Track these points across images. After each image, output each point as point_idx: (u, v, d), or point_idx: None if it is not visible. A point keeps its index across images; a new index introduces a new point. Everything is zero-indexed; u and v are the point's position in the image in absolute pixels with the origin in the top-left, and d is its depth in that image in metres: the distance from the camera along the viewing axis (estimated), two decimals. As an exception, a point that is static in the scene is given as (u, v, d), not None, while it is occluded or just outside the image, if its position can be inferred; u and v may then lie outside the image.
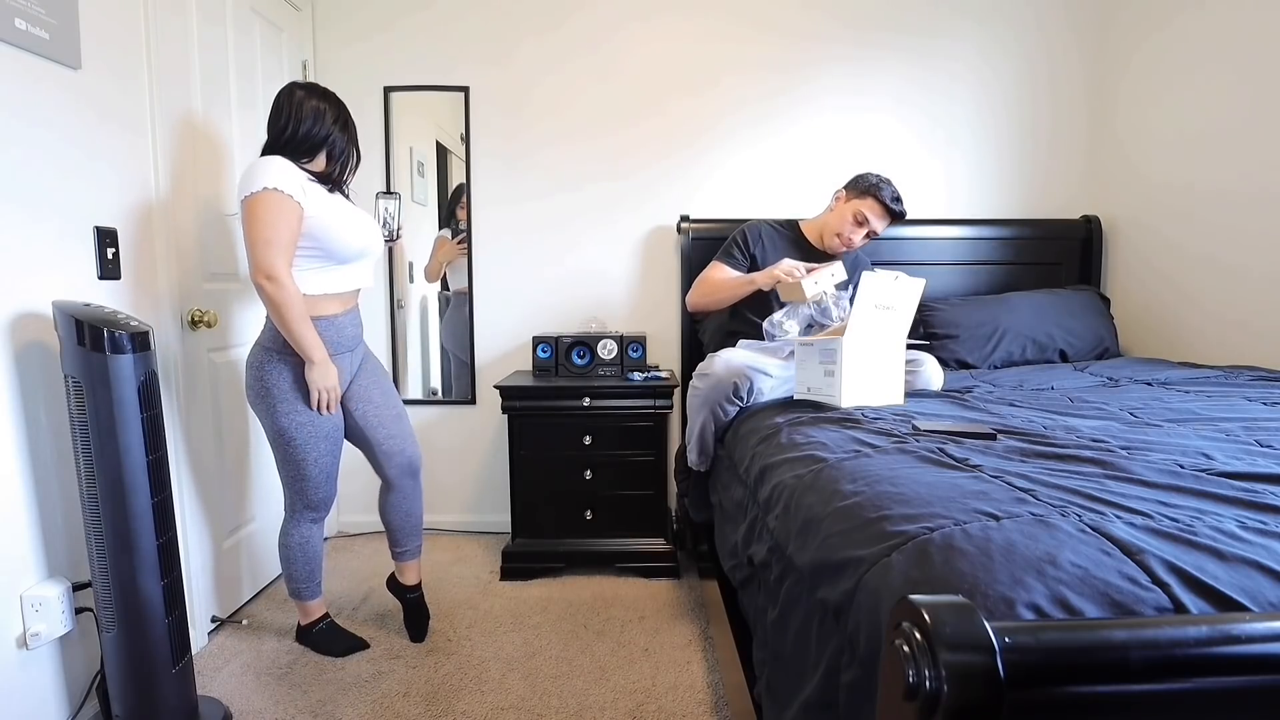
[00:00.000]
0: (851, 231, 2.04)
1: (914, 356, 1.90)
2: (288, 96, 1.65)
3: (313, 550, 1.82)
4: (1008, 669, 0.49)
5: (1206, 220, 2.24)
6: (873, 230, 2.04)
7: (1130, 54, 2.52)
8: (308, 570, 1.82)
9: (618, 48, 2.60)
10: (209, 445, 1.98)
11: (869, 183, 2.04)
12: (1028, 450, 1.17)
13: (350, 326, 1.75)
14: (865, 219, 2.01)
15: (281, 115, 1.64)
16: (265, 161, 1.57)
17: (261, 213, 1.53)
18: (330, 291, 1.68)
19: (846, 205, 2.06)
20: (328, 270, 1.67)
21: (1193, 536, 0.78)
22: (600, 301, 2.70)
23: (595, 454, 2.33)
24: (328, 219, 1.63)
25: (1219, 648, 0.53)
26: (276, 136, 1.65)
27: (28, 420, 1.39)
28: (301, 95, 1.65)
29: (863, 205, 2.02)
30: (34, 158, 1.40)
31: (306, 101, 1.65)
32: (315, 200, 1.62)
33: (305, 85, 1.68)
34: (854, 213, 2.03)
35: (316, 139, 1.66)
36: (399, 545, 1.93)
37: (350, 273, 1.72)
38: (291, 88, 1.67)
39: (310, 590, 1.84)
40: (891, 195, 2.01)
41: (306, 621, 1.88)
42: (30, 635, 1.38)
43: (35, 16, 1.38)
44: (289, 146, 1.64)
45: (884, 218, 2.03)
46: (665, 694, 1.67)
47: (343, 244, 1.66)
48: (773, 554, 1.18)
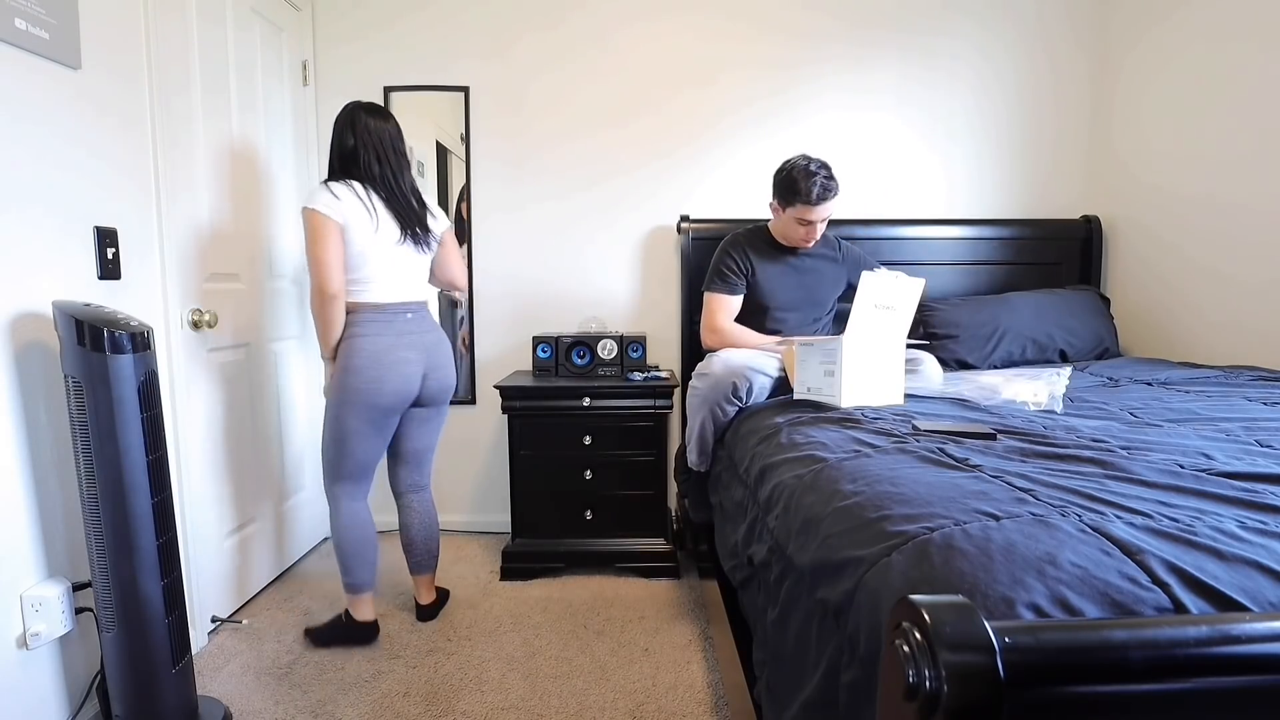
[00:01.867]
0: (804, 235, 2.01)
1: (914, 356, 1.90)
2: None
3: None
4: (1008, 669, 0.49)
5: (1206, 220, 2.24)
6: (816, 222, 1.98)
7: (1130, 54, 2.52)
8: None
9: (617, 47, 2.60)
10: (209, 445, 1.98)
11: (787, 186, 1.96)
12: (1027, 450, 1.17)
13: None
14: (806, 220, 1.97)
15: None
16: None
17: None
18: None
19: (784, 215, 2.01)
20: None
21: (1193, 536, 0.78)
22: (600, 301, 2.69)
23: (595, 454, 2.33)
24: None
25: (1219, 648, 0.53)
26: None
27: (28, 420, 1.39)
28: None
29: (795, 212, 1.96)
30: (34, 157, 1.40)
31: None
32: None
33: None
34: (794, 219, 1.98)
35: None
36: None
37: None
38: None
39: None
40: (819, 188, 1.90)
41: (361, 619, 1.89)
42: (30, 635, 1.38)
43: (35, 16, 1.38)
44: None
45: (817, 207, 1.94)
46: (665, 694, 1.67)
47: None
48: (773, 554, 1.18)
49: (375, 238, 1.74)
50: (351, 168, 1.77)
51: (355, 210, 1.71)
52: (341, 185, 1.73)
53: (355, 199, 1.72)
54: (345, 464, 1.82)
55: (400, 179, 1.81)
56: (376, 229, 1.74)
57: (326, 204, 1.68)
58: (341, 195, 1.71)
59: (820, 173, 1.92)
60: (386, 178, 1.78)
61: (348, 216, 1.70)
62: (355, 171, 1.77)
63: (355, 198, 1.72)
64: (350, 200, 1.71)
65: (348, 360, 1.75)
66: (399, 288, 1.82)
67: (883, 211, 2.64)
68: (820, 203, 1.93)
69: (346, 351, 1.75)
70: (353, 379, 1.75)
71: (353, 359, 1.75)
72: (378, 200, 1.76)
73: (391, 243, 1.77)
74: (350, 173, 1.77)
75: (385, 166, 1.78)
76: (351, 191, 1.73)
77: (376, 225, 1.74)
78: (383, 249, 1.76)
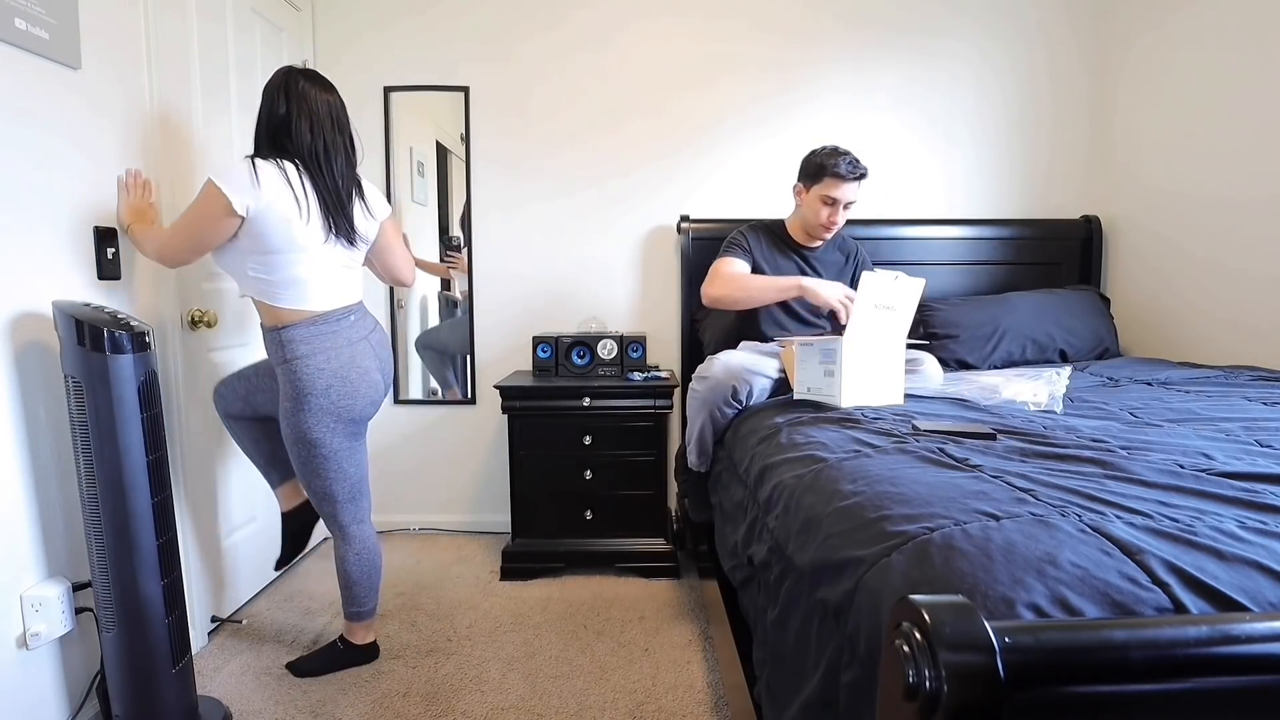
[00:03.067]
0: (828, 216, 2.01)
1: (914, 356, 1.90)
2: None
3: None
4: (1008, 669, 0.49)
5: (1206, 220, 2.24)
6: (846, 202, 1.99)
7: (1131, 54, 2.52)
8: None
9: (617, 47, 2.60)
10: (209, 445, 1.98)
11: (817, 164, 1.98)
12: (1028, 450, 1.17)
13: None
14: (832, 198, 1.97)
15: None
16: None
17: None
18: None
19: (810, 194, 2.02)
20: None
21: (1193, 536, 0.78)
22: (600, 301, 2.69)
23: (595, 454, 2.33)
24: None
25: (1219, 648, 0.53)
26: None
27: (28, 420, 1.39)
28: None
29: (823, 188, 1.97)
30: (33, 158, 1.40)
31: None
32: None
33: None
34: (819, 198, 1.99)
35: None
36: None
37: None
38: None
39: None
40: (848, 163, 1.95)
41: (363, 642, 1.80)
42: (30, 635, 1.38)
43: (35, 16, 1.38)
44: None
45: (847, 184, 1.96)
46: (665, 694, 1.67)
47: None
48: (773, 554, 1.18)
49: (304, 232, 1.51)
50: (283, 140, 1.52)
51: (277, 201, 1.47)
52: (269, 166, 1.48)
53: (281, 186, 1.48)
54: (341, 487, 1.67)
55: (333, 160, 1.55)
56: (307, 222, 1.51)
57: (238, 188, 1.43)
58: (264, 182, 1.45)
59: (850, 154, 1.97)
60: (317, 154, 1.53)
61: (261, 210, 1.46)
62: (287, 145, 1.52)
63: (282, 184, 1.48)
64: (273, 189, 1.46)
65: (310, 385, 1.57)
66: (335, 291, 1.61)
67: (883, 211, 2.63)
68: (850, 178, 1.95)
69: (305, 377, 1.56)
70: (321, 401, 1.58)
71: (316, 383, 1.57)
72: (309, 185, 1.52)
73: (319, 241, 1.55)
74: (281, 147, 1.52)
75: (318, 140, 1.53)
76: (280, 175, 1.48)
77: (307, 218, 1.51)
78: (312, 247, 1.54)
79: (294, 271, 1.54)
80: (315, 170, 1.54)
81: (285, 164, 1.51)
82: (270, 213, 1.47)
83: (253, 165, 1.46)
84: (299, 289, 1.56)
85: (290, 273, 1.54)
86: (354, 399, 1.63)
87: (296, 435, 1.61)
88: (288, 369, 1.57)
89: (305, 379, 1.57)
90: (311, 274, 1.56)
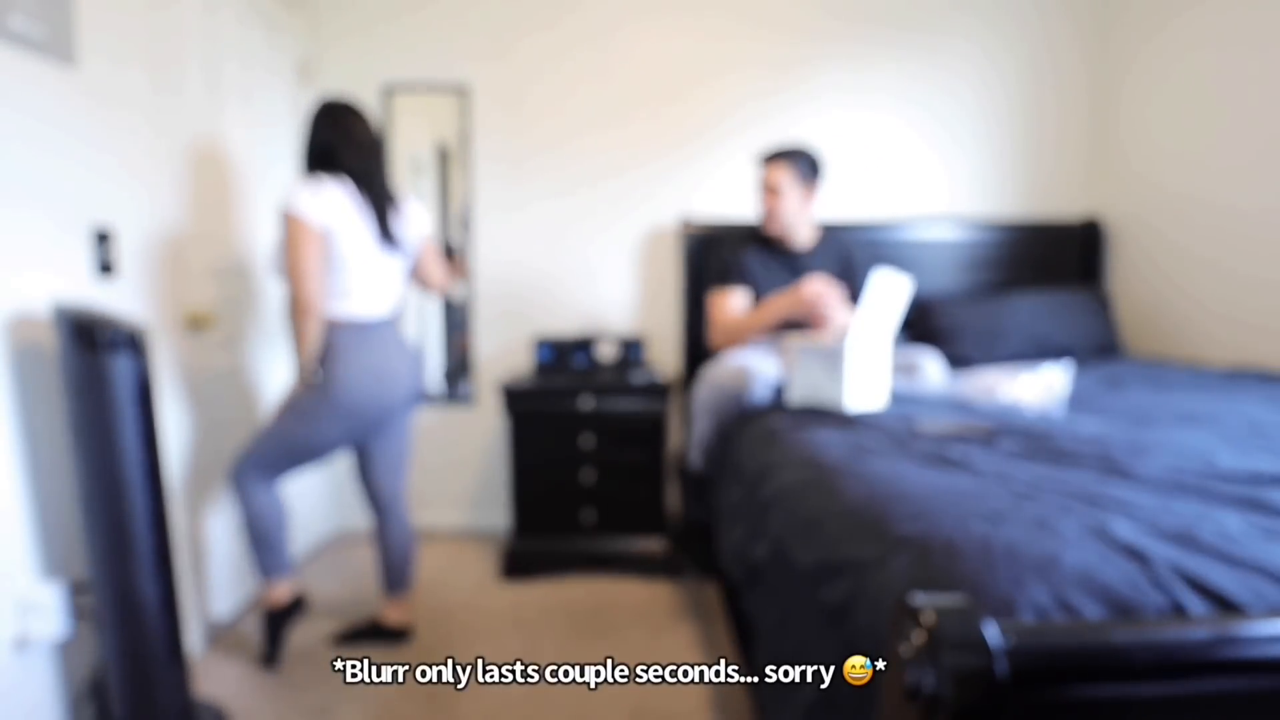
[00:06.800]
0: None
1: (915, 356, 1.90)
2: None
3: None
4: (1010, 670, 0.48)
5: (1207, 220, 2.23)
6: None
7: (1133, 54, 2.52)
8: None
9: (618, 46, 2.60)
10: (208, 445, 1.97)
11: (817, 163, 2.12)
12: (1029, 451, 1.17)
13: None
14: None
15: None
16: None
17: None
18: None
19: (814, 196, 2.12)
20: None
21: (1195, 538, 0.78)
22: (600, 301, 2.69)
23: (595, 454, 2.33)
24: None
25: (1221, 650, 0.53)
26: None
27: (25, 420, 1.38)
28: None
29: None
30: (31, 156, 1.39)
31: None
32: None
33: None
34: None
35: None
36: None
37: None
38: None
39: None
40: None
41: (280, 605, 1.78)
42: (28, 636, 1.37)
43: (32, 12, 1.37)
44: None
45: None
46: (666, 695, 1.66)
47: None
48: (773, 554, 1.18)
49: (357, 242, 1.67)
50: (330, 164, 1.70)
51: (337, 212, 1.64)
52: (322, 183, 1.65)
53: (337, 198, 1.65)
54: (291, 464, 1.76)
55: (378, 177, 1.73)
56: (358, 232, 1.68)
57: (307, 207, 1.61)
58: (322, 196, 1.63)
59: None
60: (368, 173, 1.71)
61: (329, 220, 1.63)
62: (334, 167, 1.69)
63: (337, 197, 1.65)
64: (332, 200, 1.64)
65: (344, 372, 1.67)
66: (380, 299, 1.75)
67: (883, 211, 2.63)
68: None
69: (339, 364, 1.67)
70: (348, 395, 1.68)
71: (348, 373, 1.67)
72: (359, 199, 1.69)
73: (370, 247, 1.70)
74: (329, 169, 1.69)
75: (367, 162, 1.72)
76: (333, 189, 1.65)
77: (358, 228, 1.68)
78: (363, 254, 1.69)
79: (347, 278, 1.68)
80: (364, 185, 1.70)
81: (334, 181, 1.67)
82: (332, 224, 1.64)
83: (308, 185, 1.64)
84: (349, 295, 1.70)
85: (345, 279, 1.68)
86: (380, 398, 1.73)
87: (306, 407, 1.71)
88: (331, 358, 1.68)
89: (342, 367, 1.68)
90: (361, 282, 1.70)
